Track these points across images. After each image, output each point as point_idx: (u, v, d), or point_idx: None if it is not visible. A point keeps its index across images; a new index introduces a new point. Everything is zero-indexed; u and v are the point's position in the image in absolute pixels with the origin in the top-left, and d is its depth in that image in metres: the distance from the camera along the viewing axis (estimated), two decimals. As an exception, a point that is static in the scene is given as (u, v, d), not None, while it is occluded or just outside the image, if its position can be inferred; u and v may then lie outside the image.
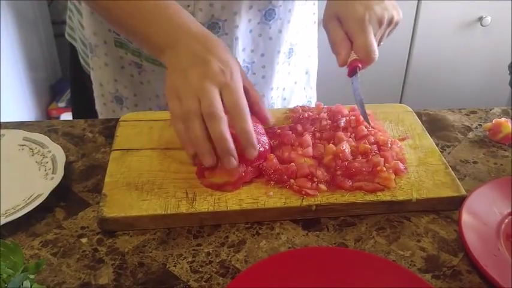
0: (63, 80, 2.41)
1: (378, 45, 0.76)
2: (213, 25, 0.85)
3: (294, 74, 1.00)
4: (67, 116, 2.25)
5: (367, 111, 0.83)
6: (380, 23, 0.75)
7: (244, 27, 0.88)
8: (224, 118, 0.65)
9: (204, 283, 0.59)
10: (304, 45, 1.01)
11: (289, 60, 0.97)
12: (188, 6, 0.83)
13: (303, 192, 0.68)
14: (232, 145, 0.65)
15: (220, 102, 0.66)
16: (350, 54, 0.75)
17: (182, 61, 0.69)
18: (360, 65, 0.74)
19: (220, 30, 0.86)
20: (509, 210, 0.67)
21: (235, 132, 0.67)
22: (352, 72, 0.76)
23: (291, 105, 1.01)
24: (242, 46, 0.90)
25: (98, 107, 1.00)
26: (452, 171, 0.73)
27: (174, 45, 0.70)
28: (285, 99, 1.02)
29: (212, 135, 0.65)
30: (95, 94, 0.98)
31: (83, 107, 1.06)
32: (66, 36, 1.04)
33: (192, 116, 0.65)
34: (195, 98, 0.66)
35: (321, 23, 0.80)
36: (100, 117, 1.00)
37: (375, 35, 0.74)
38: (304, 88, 1.06)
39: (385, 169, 0.70)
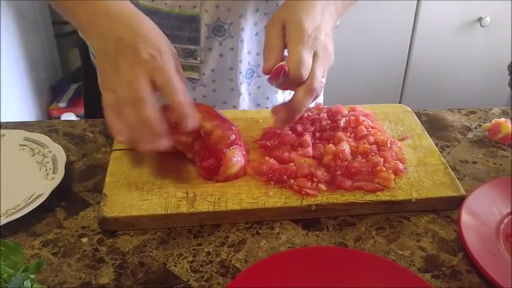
0: (63, 80, 2.42)
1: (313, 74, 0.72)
2: (218, 27, 0.85)
3: None
4: (68, 116, 2.26)
5: (367, 112, 0.83)
6: (324, 50, 0.70)
7: (249, 30, 0.88)
8: (150, 100, 0.63)
9: (204, 283, 0.59)
10: None
11: None
12: (194, 7, 0.83)
13: (303, 192, 0.68)
14: (159, 127, 0.64)
15: (145, 86, 0.63)
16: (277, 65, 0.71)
17: (110, 48, 0.66)
18: (286, 69, 0.69)
19: (226, 32, 0.86)
20: (508, 210, 0.68)
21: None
22: (276, 77, 0.70)
23: None
24: (247, 49, 0.90)
25: None
26: (451, 171, 0.73)
27: (92, 22, 0.68)
28: None
29: (140, 119, 0.63)
30: None
31: (95, 104, 1.06)
32: (79, 33, 1.05)
33: (124, 105, 0.64)
34: (126, 88, 0.64)
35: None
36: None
37: (315, 60, 0.70)
38: None
39: (384, 169, 0.70)
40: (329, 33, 0.72)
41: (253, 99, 0.96)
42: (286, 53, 0.71)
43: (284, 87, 0.74)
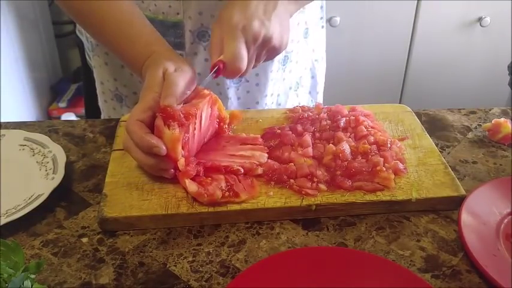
0: (63, 80, 2.42)
1: (253, 63, 0.74)
2: (202, 33, 0.86)
3: (289, 80, 1.00)
4: (68, 116, 2.26)
5: (367, 112, 0.83)
6: (254, 38, 0.71)
7: None
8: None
9: (204, 283, 0.59)
10: (307, 51, 1.00)
11: (284, 67, 0.97)
12: (178, 14, 0.83)
13: (303, 192, 0.68)
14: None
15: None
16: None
17: None
18: (221, 66, 0.71)
19: (210, 38, 0.86)
20: (508, 210, 0.68)
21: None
22: (217, 72, 0.72)
23: None
24: None
25: (100, 103, 1.02)
26: (451, 171, 0.73)
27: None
28: (279, 104, 1.02)
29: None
30: (97, 91, 1.00)
31: (95, 103, 1.07)
32: (77, 32, 1.06)
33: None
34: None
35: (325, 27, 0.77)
36: (102, 113, 1.02)
37: (248, 49, 0.72)
38: (310, 92, 1.06)
39: (384, 169, 0.70)
40: (267, 18, 0.73)
41: (242, 104, 0.96)
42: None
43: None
